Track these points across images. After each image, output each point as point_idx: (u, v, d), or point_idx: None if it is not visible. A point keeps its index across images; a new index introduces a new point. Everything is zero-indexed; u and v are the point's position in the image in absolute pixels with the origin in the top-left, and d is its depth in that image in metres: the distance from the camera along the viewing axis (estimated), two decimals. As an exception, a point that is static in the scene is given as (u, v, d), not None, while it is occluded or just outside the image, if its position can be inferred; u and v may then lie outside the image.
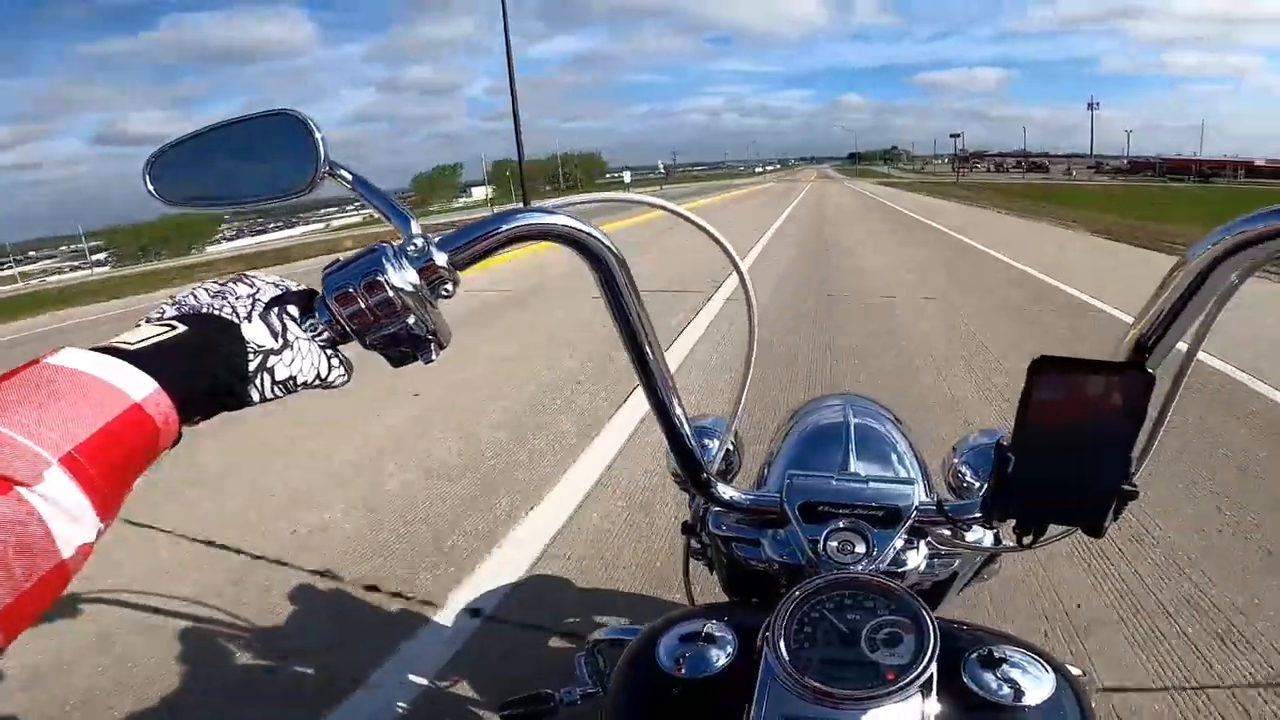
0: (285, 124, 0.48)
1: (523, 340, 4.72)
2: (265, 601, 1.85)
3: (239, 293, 0.40)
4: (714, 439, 0.69)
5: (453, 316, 0.44)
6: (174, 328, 0.36)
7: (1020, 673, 0.45)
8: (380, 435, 3.05)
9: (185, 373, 0.35)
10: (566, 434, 2.92)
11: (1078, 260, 7.44)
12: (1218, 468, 2.32)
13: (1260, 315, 4.13)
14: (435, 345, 0.44)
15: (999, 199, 21.00)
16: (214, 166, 0.52)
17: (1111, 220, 12.04)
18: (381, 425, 3.15)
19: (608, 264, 0.48)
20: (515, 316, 5.58)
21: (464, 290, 0.45)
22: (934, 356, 3.82)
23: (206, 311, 0.39)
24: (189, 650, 1.69)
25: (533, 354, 4.28)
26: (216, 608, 1.83)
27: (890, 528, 0.56)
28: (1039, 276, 6.25)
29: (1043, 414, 0.41)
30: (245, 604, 1.84)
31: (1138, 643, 1.52)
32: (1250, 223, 0.36)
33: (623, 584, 1.85)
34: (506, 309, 5.83)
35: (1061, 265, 6.84)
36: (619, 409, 3.14)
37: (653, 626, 0.54)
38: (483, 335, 4.80)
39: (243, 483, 2.66)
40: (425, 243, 0.42)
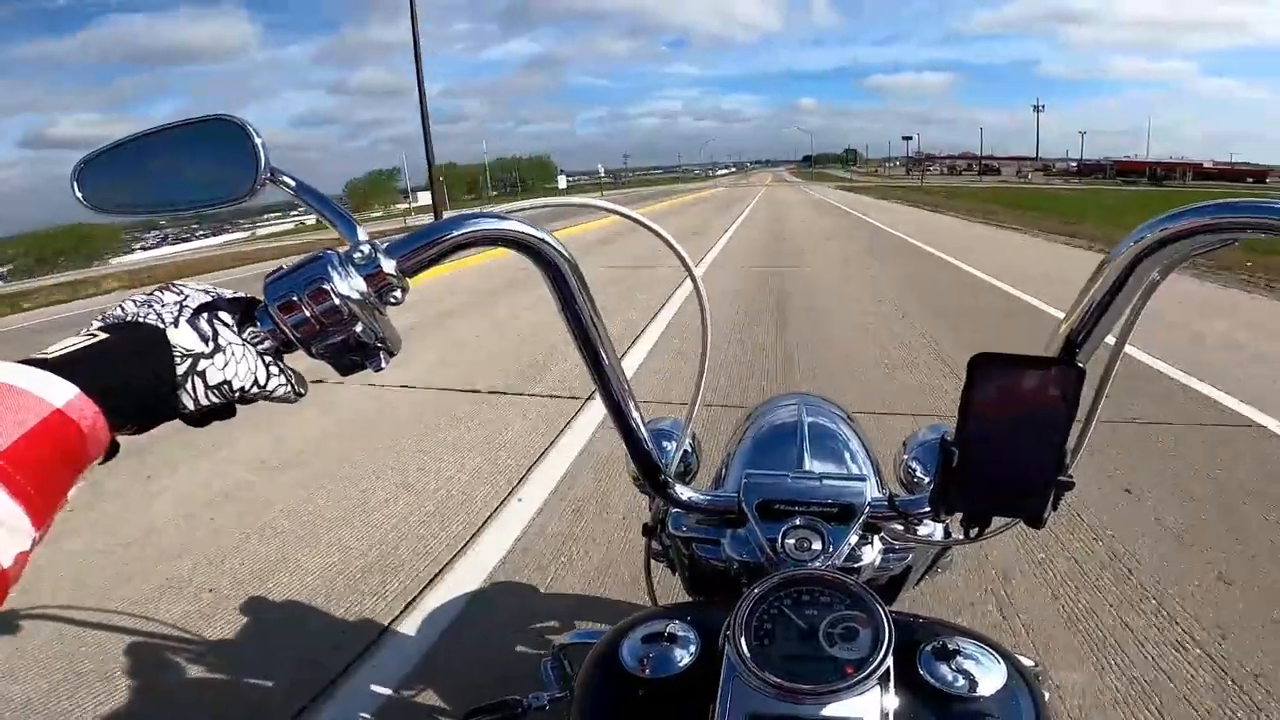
0: (223, 129, 0.47)
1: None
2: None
3: (165, 300, 0.39)
4: (671, 441, 0.69)
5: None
6: (96, 336, 0.36)
7: (974, 664, 0.47)
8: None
9: (107, 378, 0.35)
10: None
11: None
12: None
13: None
14: (385, 353, 0.43)
15: (977, 207, 18.74)
16: (148, 172, 0.51)
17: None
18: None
19: (560, 269, 0.47)
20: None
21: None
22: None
23: (131, 320, 0.38)
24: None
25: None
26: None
27: (845, 524, 0.57)
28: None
29: (983, 409, 0.42)
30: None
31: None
32: (1168, 221, 0.38)
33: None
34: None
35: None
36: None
37: (616, 629, 0.54)
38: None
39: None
40: (372, 249, 0.42)
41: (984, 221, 14.56)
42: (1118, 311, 0.42)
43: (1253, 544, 1.97)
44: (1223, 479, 2.38)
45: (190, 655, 1.70)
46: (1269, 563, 1.87)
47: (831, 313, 5.42)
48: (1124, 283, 0.41)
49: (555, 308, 0.50)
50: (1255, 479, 2.36)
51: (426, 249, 0.43)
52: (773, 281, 6.99)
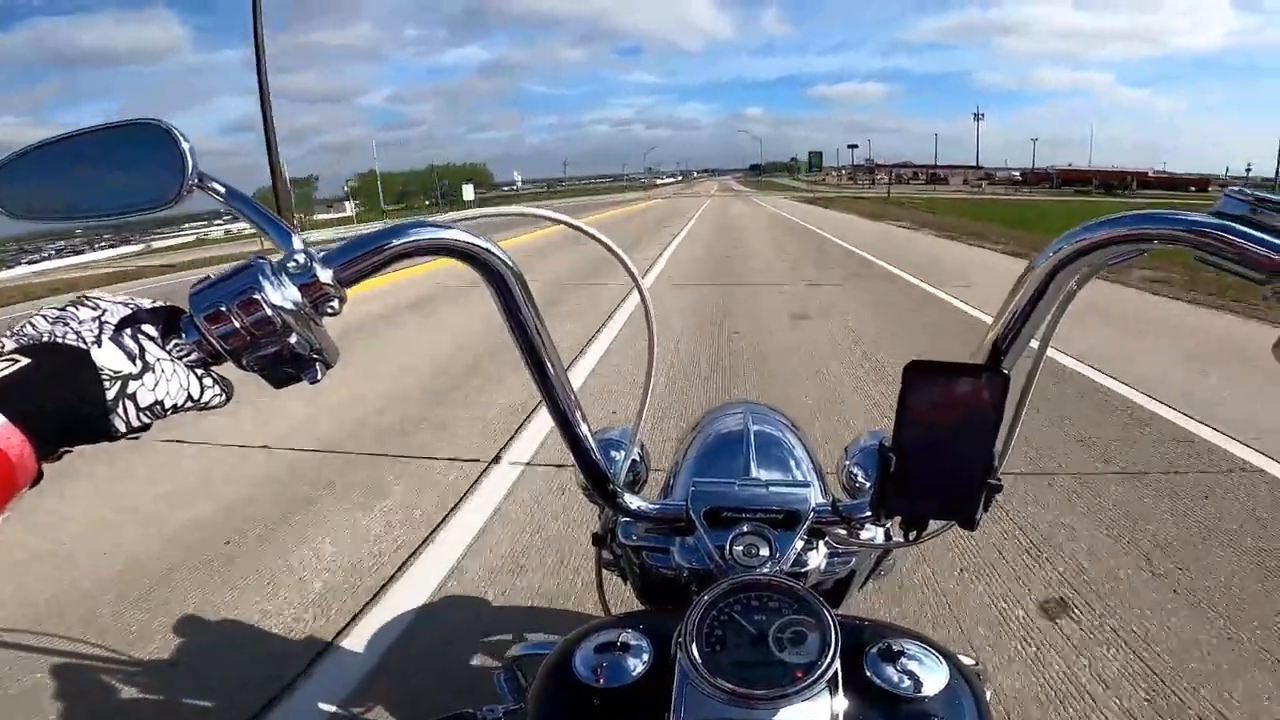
0: (149, 133, 0.45)
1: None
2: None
3: (82, 317, 0.37)
4: (620, 450, 0.69)
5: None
6: (16, 361, 0.34)
7: (917, 664, 0.48)
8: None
9: (34, 406, 0.33)
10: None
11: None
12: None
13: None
14: (321, 364, 0.42)
15: (982, 228, 14.19)
16: (69, 177, 0.48)
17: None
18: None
19: (504, 279, 0.47)
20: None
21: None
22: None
23: (49, 340, 0.36)
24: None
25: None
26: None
27: (791, 530, 0.58)
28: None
29: (916, 415, 0.44)
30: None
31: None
32: (1083, 233, 0.40)
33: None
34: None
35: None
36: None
37: (568, 639, 0.54)
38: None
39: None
40: (308, 258, 0.41)
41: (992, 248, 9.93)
42: (1039, 320, 0.44)
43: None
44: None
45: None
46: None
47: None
48: (1044, 292, 0.43)
49: (500, 318, 0.49)
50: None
51: (365, 259, 0.42)
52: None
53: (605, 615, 0.73)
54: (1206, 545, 2.08)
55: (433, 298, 7.09)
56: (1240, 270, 0.37)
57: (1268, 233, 0.36)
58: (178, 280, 11.42)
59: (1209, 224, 0.37)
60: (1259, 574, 1.93)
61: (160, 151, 0.45)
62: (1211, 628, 1.70)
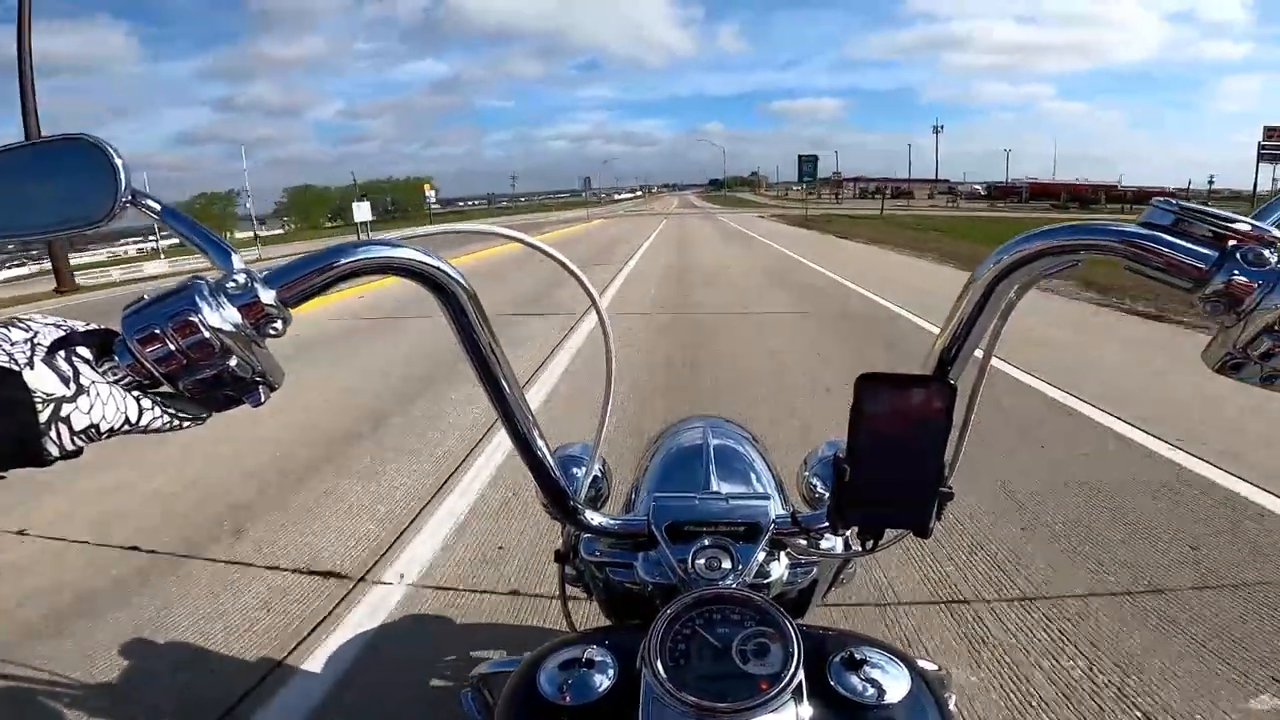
0: (81, 150, 0.43)
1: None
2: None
3: (13, 338, 0.36)
4: (580, 467, 0.69)
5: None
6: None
7: (880, 672, 0.49)
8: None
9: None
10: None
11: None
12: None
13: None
14: (264, 387, 0.41)
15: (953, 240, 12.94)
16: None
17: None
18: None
19: (458, 299, 0.46)
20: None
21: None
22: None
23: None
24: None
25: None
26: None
27: (752, 542, 0.58)
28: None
29: (869, 426, 0.44)
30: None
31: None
32: (1019, 245, 0.42)
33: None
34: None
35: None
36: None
37: (533, 657, 0.53)
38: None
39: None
40: (248, 278, 0.39)
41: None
42: (982, 331, 0.46)
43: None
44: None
45: None
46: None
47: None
48: (985, 304, 0.44)
49: (454, 338, 0.49)
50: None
51: (310, 278, 0.41)
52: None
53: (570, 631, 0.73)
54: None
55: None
56: (1168, 279, 0.38)
57: (1193, 241, 0.37)
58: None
59: (1137, 234, 0.38)
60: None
61: (93, 168, 0.43)
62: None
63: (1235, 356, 0.38)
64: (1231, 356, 0.38)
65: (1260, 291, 0.36)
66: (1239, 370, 0.38)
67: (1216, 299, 0.37)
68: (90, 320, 0.39)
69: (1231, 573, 2.01)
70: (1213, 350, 0.39)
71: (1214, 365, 0.39)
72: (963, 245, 13.47)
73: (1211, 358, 0.39)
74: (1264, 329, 0.36)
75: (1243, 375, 0.38)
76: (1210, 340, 0.40)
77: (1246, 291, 0.36)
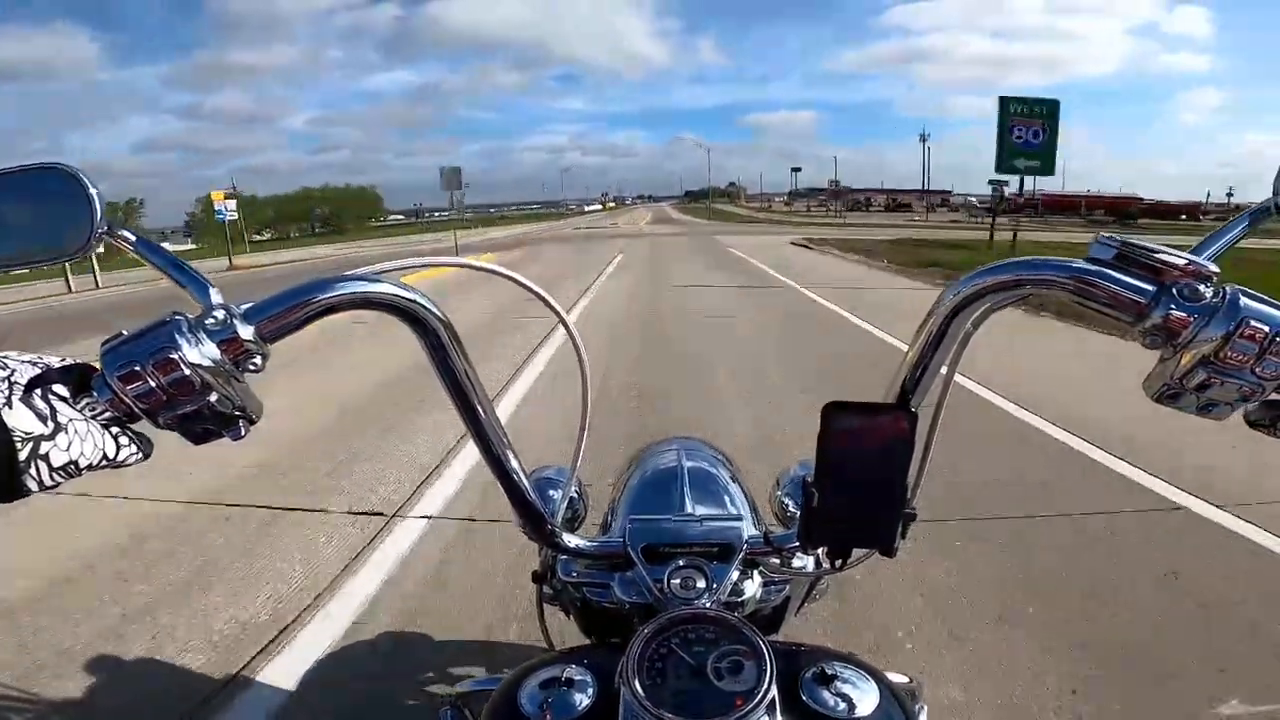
0: (55, 179, 0.43)
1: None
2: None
3: None
4: (557, 489, 0.70)
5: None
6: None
7: (851, 687, 0.50)
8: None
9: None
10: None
11: None
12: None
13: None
14: (244, 421, 0.41)
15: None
16: None
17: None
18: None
19: (435, 331, 0.47)
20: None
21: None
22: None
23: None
24: None
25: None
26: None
27: (726, 561, 0.60)
28: None
29: (836, 452, 0.46)
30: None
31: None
32: (973, 280, 0.44)
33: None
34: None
35: None
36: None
37: (513, 676, 0.54)
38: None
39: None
40: (227, 314, 0.40)
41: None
42: (940, 361, 0.48)
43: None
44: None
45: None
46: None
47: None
48: (944, 336, 0.46)
49: (430, 368, 0.49)
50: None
51: (289, 314, 0.41)
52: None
53: (549, 650, 0.73)
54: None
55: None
56: (1112, 313, 0.40)
57: (1134, 277, 0.39)
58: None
59: (1082, 270, 0.40)
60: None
61: (67, 198, 0.43)
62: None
63: (1172, 387, 0.40)
64: (1169, 387, 0.40)
65: (1195, 326, 0.38)
66: (1176, 400, 0.40)
67: (1155, 333, 0.39)
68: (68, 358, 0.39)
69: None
70: (1151, 381, 0.42)
71: (1152, 395, 0.42)
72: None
73: (1150, 388, 0.42)
74: (1199, 361, 0.38)
75: (1180, 405, 0.41)
76: (1150, 371, 0.42)
77: (1182, 325, 0.38)
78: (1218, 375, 0.38)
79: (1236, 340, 0.37)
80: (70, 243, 0.43)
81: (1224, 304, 0.37)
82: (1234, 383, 0.38)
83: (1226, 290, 0.38)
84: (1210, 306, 0.38)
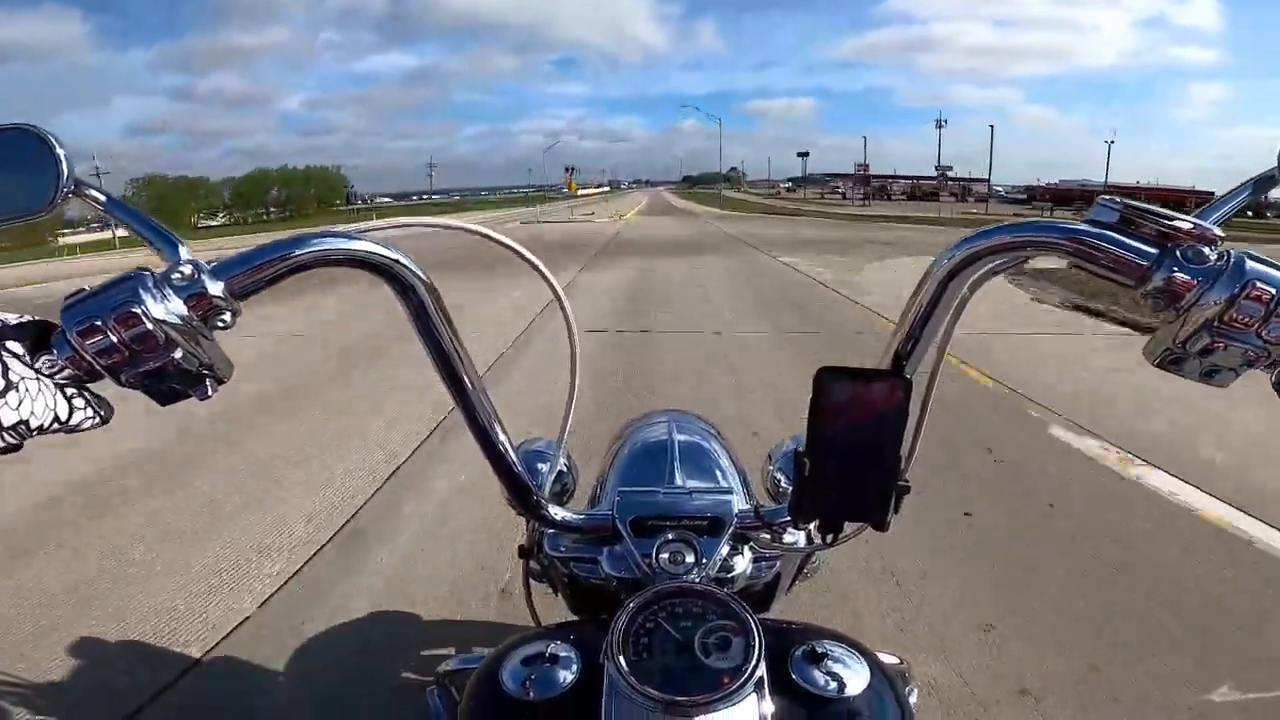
0: (20, 139, 0.42)
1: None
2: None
3: None
4: (545, 462, 0.69)
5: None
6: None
7: (841, 666, 0.49)
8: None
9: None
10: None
11: None
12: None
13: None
14: (212, 380, 0.40)
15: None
16: None
17: None
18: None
19: (417, 292, 0.46)
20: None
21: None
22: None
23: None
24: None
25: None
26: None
27: (715, 536, 0.59)
28: None
29: (828, 421, 0.45)
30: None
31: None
32: (970, 243, 0.42)
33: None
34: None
35: None
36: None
37: (496, 652, 0.53)
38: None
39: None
40: (195, 269, 0.39)
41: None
42: (936, 326, 0.46)
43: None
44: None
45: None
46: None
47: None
48: (939, 300, 0.45)
49: (413, 333, 0.48)
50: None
51: (260, 270, 0.40)
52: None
53: (535, 626, 0.73)
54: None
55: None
56: (1112, 276, 0.39)
57: (1137, 239, 0.38)
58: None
59: (1083, 232, 0.39)
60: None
61: (33, 158, 0.42)
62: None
63: (1175, 352, 0.39)
64: (1171, 352, 0.39)
65: (1199, 289, 0.37)
66: (1179, 365, 0.39)
67: (1158, 295, 0.38)
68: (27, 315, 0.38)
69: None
70: (1153, 345, 0.40)
71: (1154, 360, 0.40)
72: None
73: (1152, 353, 0.40)
74: (1202, 325, 0.37)
75: (1183, 370, 0.39)
76: (1151, 336, 0.41)
77: (1186, 289, 0.37)
78: (1222, 339, 0.37)
79: (1242, 303, 0.36)
80: (38, 201, 0.42)
81: (1229, 266, 0.36)
82: (1239, 347, 0.37)
83: (1231, 253, 0.37)
84: (1215, 269, 0.37)
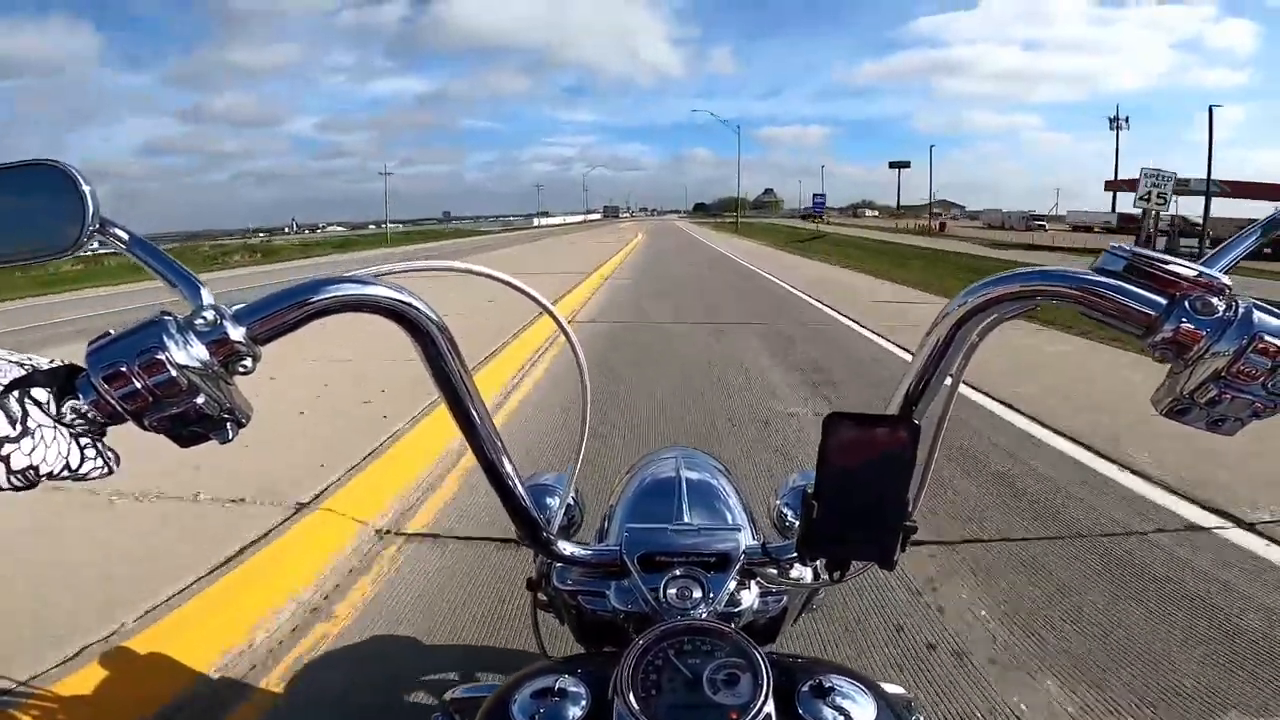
0: (47, 176, 0.42)
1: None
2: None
3: None
4: (554, 496, 0.69)
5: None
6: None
7: (848, 701, 0.49)
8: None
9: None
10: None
11: None
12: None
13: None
14: (233, 424, 0.40)
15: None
16: None
17: None
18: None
19: (430, 334, 0.46)
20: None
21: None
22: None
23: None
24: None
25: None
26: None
27: (723, 572, 0.59)
28: None
29: (836, 463, 0.45)
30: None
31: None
32: (980, 290, 0.43)
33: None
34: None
35: None
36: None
37: (506, 685, 0.53)
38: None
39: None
40: (217, 314, 0.39)
41: None
42: (945, 372, 0.47)
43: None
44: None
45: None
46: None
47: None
48: (948, 346, 0.45)
49: (426, 371, 0.49)
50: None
51: (281, 315, 0.41)
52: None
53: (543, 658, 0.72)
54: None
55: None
56: (1121, 326, 0.39)
57: (1145, 289, 0.38)
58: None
59: (1092, 281, 0.39)
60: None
61: (59, 195, 0.42)
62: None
63: (1182, 402, 0.39)
64: (1178, 402, 0.39)
65: (1207, 340, 0.37)
66: (1185, 415, 0.39)
67: (1166, 346, 0.38)
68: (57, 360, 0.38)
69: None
70: (1161, 394, 0.41)
71: (1162, 410, 0.41)
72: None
73: (1160, 402, 0.41)
74: (1210, 376, 0.37)
75: (1189, 419, 0.40)
76: (1160, 385, 0.41)
77: (1193, 340, 0.37)
78: (1229, 390, 0.37)
79: (1249, 355, 0.36)
80: (63, 240, 0.42)
81: (1237, 318, 0.37)
82: (1245, 398, 0.37)
83: (1240, 304, 0.37)
84: (1223, 321, 0.37)
